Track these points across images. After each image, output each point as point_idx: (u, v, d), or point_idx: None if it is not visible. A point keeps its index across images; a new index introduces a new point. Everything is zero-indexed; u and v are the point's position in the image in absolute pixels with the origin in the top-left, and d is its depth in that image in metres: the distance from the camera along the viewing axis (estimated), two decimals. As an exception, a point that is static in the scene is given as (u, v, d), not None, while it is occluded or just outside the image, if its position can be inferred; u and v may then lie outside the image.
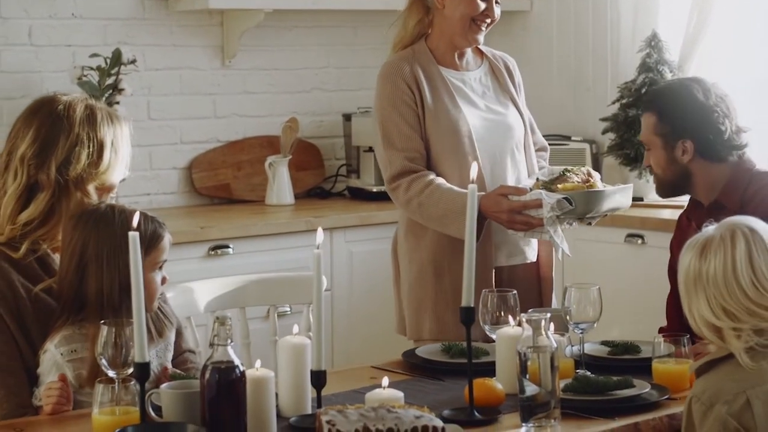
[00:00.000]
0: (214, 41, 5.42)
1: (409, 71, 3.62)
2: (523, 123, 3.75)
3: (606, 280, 3.56)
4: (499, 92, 3.75)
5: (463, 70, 3.71)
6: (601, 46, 5.70)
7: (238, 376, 2.44)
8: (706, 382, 2.54)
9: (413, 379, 3.04)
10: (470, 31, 3.62)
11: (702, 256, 2.53)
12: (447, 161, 3.60)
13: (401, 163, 3.58)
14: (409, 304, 3.70)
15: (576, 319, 3.03)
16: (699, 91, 3.42)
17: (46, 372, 2.82)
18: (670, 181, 3.47)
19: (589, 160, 5.57)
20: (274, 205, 5.36)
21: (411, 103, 3.60)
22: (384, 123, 3.62)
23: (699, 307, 2.52)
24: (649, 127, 3.46)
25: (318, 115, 5.75)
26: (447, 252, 3.60)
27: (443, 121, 3.60)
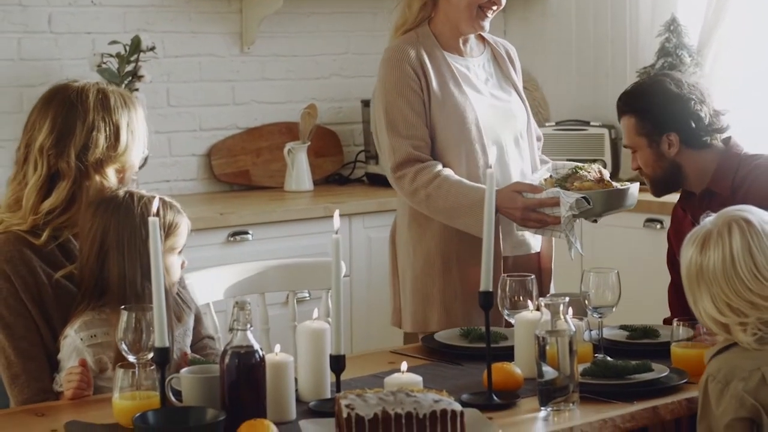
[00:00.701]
0: (233, 28, 5.43)
1: (415, 56, 3.55)
2: (525, 110, 3.71)
3: (625, 265, 3.56)
4: (502, 79, 3.71)
5: (467, 56, 3.66)
6: (619, 30, 5.68)
7: (257, 360, 2.45)
8: (720, 362, 2.56)
9: (432, 364, 3.04)
10: (477, 18, 3.57)
11: (702, 251, 2.55)
12: (453, 150, 3.55)
13: (407, 151, 3.51)
14: (413, 296, 3.63)
15: (595, 304, 3.03)
16: (671, 83, 3.46)
17: (66, 357, 2.84)
18: (661, 178, 3.47)
19: (607, 146, 5.56)
20: (293, 192, 5.37)
21: (417, 89, 3.54)
22: (389, 109, 3.55)
23: (704, 304, 2.54)
24: (631, 129, 3.47)
25: (337, 102, 5.75)
26: (455, 242, 3.56)
27: (450, 108, 3.55)
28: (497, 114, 3.62)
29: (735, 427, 2.49)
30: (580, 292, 3.04)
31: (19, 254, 2.90)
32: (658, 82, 3.48)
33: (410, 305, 3.65)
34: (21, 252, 2.90)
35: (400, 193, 3.58)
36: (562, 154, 5.58)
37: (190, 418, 2.41)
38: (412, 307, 3.64)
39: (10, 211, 2.97)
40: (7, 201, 3.00)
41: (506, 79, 3.72)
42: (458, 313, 3.55)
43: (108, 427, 2.52)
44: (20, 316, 2.88)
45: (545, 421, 2.58)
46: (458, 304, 3.56)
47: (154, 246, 2.42)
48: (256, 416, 2.40)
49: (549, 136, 5.64)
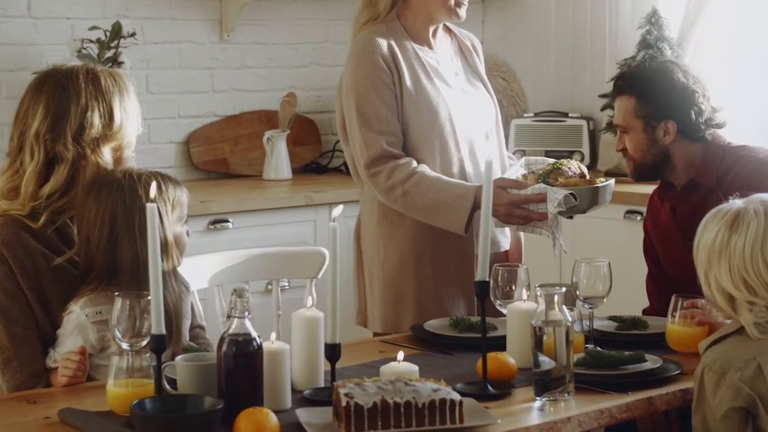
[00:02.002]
0: (213, 15, 5.41)
1: (386, 48, 3.46)
2: (493, 105, 3.66)
3: (606, 256, 3.52)
4: (470, 72, 3.65)
5: (436, 49, 3.59)
6: (599, 22, 5.69)
7: (255, 348, 2.44)
8: (716, 353, 2.58)
9: (423, 353, 3.03)
10: (455, 6, 3.50)
11: (733, 228, 2.57)
12: (427, 145, 3.47)
13: (381, 147, 3.42)
14: (383, 296, 3.56)
15: (585, 294, 3.03)
16: (678, 71, 3.44)
17: (67, 333, 2.82)
18: (649, 163, 3.45)
19: (586, 137, 5.58)
20: (271, 180, 5.36)
21: (389, 82, 3.45)
22: (360, 103, 3.45)
23: (719, 274, 2.56)
24: (628, 110, 3.43)
25: (316, 90, 5.73)
26: (428, 241, 3.50)
27: (423, 103, 3.47)
28: (468, 108, 3.56)
29: (731, 417, 2.51)
30: (571, 283, 3.04)
31: (17, 237, 2.88)
32: (667, 69, 3.47)
33: (380, 305, 3.58)
34: (18, 235, 2.88)
35: (374, 190, 3.48)
36: (540, 145, 5.60)
37: (188, 405, 2.40)
38: (382, 307, 3.57)
39: (6, 200, 2.95)
40: (1, 190, 2.97)
41: (474, 72, 3.66)
42: (432, 313, 3.47)
43: (102, 414, 2.50)
44: (15, 299, 2.86)
45: (541, 411, 2.57)
46: (432, 304, 3.51)
47: (152, 233, 2.40)
48: (253, 404, 2.39)
49: (527, 127, 5.67)
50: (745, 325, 2.55)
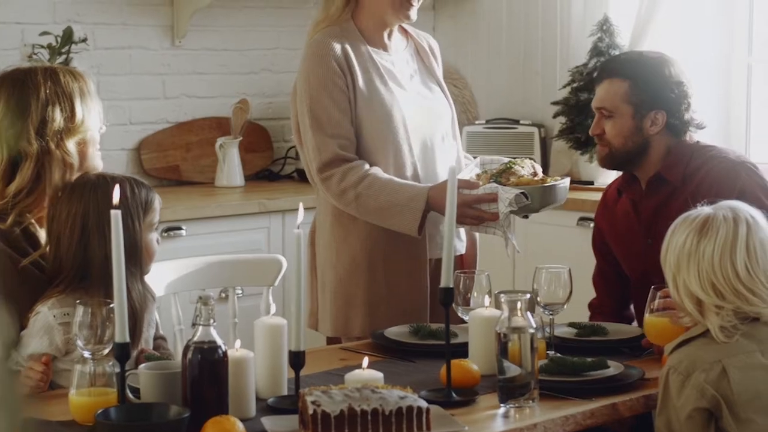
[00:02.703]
0: (165, 21, 5.37)
1: (340, 51, 3.43)
2: (450, 108, 3.63)
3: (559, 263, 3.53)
4: (426, 75, 3.62)
5: (391, 51, 3.56)
6: (550, 30, 5.71)
7: (220, 356, 2.42)
8: (682, 354, 2.60)
9: (384, 361, 3.02)
10: (402, 7, 3.47)
11: (702, 233, 2.59)
12: (380, 148, 3.45)
13: (333, 150, 3.40)
14: (334, 299, 3.53)
15: (546, 301, 3.04)
16: (674, 65, 3.41)
17: (33, 334, 2.79)
18: (627, 151, 3.38)
19: (537, 144, 5.59)
20: (224, 187, 5.33)
21: (343, 86, 3.42)
22: (313, 107, 3.42)
23: (688, 278, 2.58)
24: (619, 94, 3.36)
25: (267, 97, 5.71)
26: (380, 245, 3.48)
27: (376, 106, 3.45)
28: (423, 112, 3.54)
29: (695, 417, 2.53)
30: (531, 290, 3.04)
31: None
32: (664, 60, 3.42)
33: (331, 308, 3.55)
34: None
35: (327, 193, 3.46)
36: (491, 153, 5.57)
37: (153, 414, 2.37)
38: (333, 311, 3.55)
39: None
40: None
41: (430, 75, 3.64)
42: (383, 318, 3.45)
43: (64, 424, 2.47)
44: None
45: (506, 418, 2.57)
46: (383, 308, 3.49)
47: (116, 239, 2.38)
48: (219, 413, 2.37)
49: (478, 134, 5.67)
50: (712, 328, 2.57)
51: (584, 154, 5.24)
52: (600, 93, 3.42)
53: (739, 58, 5.28)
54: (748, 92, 5.28)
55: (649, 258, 3.29)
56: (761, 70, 5.31)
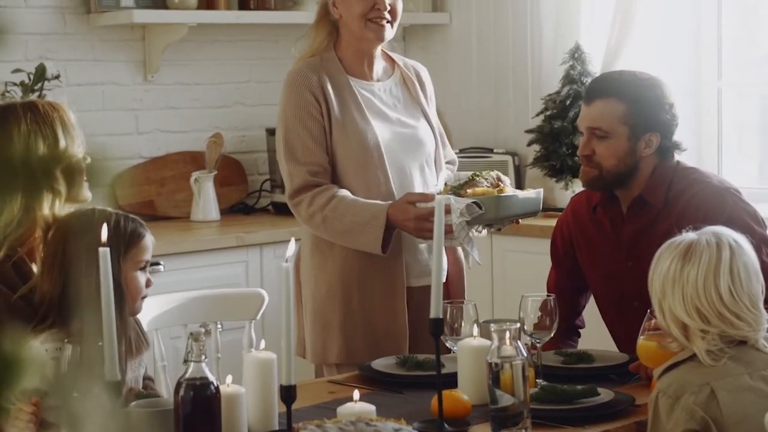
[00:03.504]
0: (137, 56, 5.36)
1: (316, 81, 3.48)
2: (433, 136, 3.65)
3: (535, 290, 3.52)
4: (410, 104, 3.64)
5: (372, 80, 3.60)
6: (521, 58, 5.74)
7: (212, 392, 2.41)
8: (671, 378, 2.62)
9: (372, 393, 3.01)
10: (368, 29, 3.50)
11: (686, 259, 2.60)
12: (354, 175, 3.49)
13: (303, 177, 3.45)
14: (313, 326, 3.56)
15: (532, 329, 3.04)
16: (664, 86, 3.39)
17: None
18: (618, 173, 3.33)
19: (512, 173, 5.60)
20: (199, 222, 5.31)
21: (317, 114, 3.47)
22: (287, 135, 3.49)
23: (673, 303, 2.59)
24: (615, 114, 3.30)
25: (240, 130, 5.70)
26: (356, 271, 3.49)
27: (351, 133, 3.48)
28: (402, 140, 3.56)
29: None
30: (518, 318, 3.04)
31: None
32: (657, 82, 3.40)
33: (310, 335, 3.57)
34: None
35: (299, 219, 3.52)
36: (465, 181, 5.62)
37: (147, 453, 2.36)
38: (312, 337, 3.57)
39: None
40: None
41: (415, 104, 3.65)
42: (359, 345, 3.48)
43: (56, 464, 2.44)
44: None
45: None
46: (359, 336, 3.50)
47: (104, 275, 2.36)
48: (213, 449, 2.36)
49: (452, 163, 5.68)
50: (698, 352, 2.59)
51: (559, 181, 5.25)
52: (593, 113, 3.35)
53: (709, 83, 5.32)
54: (719, 116, 5.32)
55: (628, 280, 3.30)
56: (731, 94, 5.35)
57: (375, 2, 3.49)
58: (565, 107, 5.21)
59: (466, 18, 5.96)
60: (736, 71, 5.36)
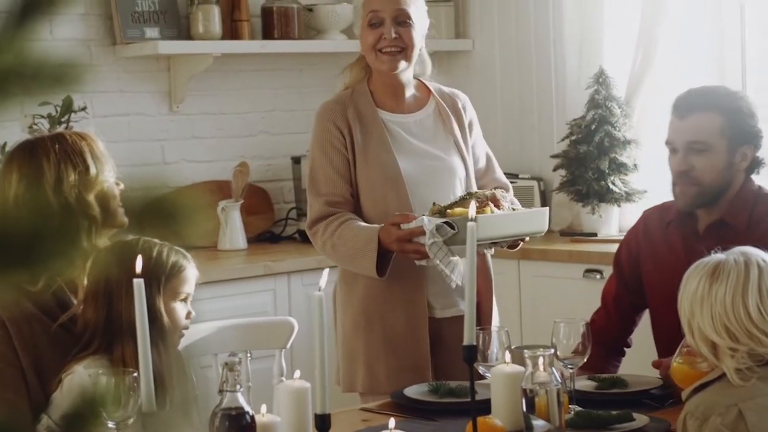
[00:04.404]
0: (162, 87, 5.38)
1: (341, 113, 3.54)
2: (465, 167, 3.63)
3: (564, 315, 3.51)
4: (442, 135, 3.64)
5: (403, 112, 3.62)
6: (545, 83, 5.74)
7: (248, 422, 2.41)
8: (698, 400, 2.61)
9: (406, 420, 3.01)
10: (379, 60, 3.53)
11: (713, 277, 2.60)
12: (375, 206, 3.51)
13: (320, 208, 3.51)
14: (343, 354, 3.62)
15: (565, 355, 3.03)
16: (749, 99, 3.36)
17: (65, 395, 2.75)
18: (716, 188, 3.27)
19: (537, 198, 5.60)
20: (226, 251, 5.31)
21: (340, 147, 3.52)
22: (312, 166, 3.58)
23: (702, 322, 2.58)
24: (714, 128, 3.24)
25: (266, 159, 5.72)
26: (378, 302, 3.51)
27: (372, 164, 3.51)
28: (428, 172, 3.56)
29: None
30: (550, 344, 3.03)
31: (15, 302, 2.82)
32: (746, 96, 3.37)
33: (341, 364, 3.63)
34: (17, 300, 2.83)
35: (316, 248, 3.58)
36: (491, 207, 5.61)
37: (183, 483, 2.36)
38: (342, 366, 3.63)
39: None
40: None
41: (447, 134, 3.64)
42: (381, 376, 3.50)
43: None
44: (10, 364, 2.81)
45: (536, 474, 2.56)
46: (381, 367, 3.52)
47: (140, 308, 2.37)
48: (249, 479, 2.36)
49: (478, 189, 5.68)
50: (727, 371, 2.58)
51: (586, 206, 5.24)
52: (690, 126, 3.28)
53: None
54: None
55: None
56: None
57: (381, 33, 3.51)
58: (591, 132, 5.21)
59: (489, 44, 5.97)
60: (759, 94, 5.35)
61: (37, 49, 0.97)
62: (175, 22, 5.31)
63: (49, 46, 5.01)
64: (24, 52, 0.95)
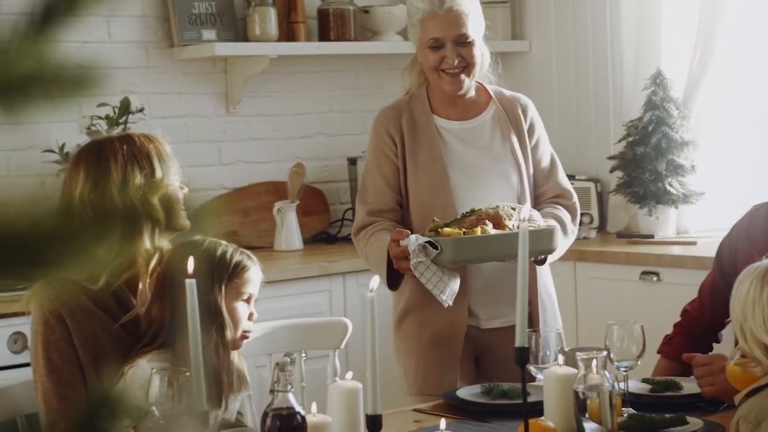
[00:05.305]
0: (219, 88, 5.42)
1: (395, 120, 3.52)
2: (519, 174, 3.56)
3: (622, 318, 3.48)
4: (499, 142, 3.58)
5: (459, 118, 3.57)
6: (602, 84, 5.71)
7: (299, 422, 2.42)
8: (752, 404, 2.60)
9: (458, 421, 3.01)
10: (442, 80, 3.49)
11: (764, 281, 2.61)
12: (422, 214, 3.48)
13: (363, 217, 3.53)
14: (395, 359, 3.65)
15: (619, 357, 3.01)
16: None
17: (126, 386, 2.77)
18: None
19: (594, 199, 5.57)
20: (282, 251, 5.33)
21: (391, 154, 3.51)
22: (364, 173, 3.60)
23: (754, 326, 2.58)
24: None
25: (322, 160, 5.74)
26: (420, 307, 3.50)
27: (422, 173, 3.49)
28: (478, 180, 3.52)
29: None
30: (604, 346, 3.02)
31: (76, 300, 2.86)
32: None
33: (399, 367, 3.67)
34: (78, 298, 2.86)
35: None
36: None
37: (235, 482, 2.37)
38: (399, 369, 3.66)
39: None
40: None
41: (505, 141, 3.58)
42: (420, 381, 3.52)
43: (144, 494, 2.46)
44: (69, 361, 2.84)
45: (588, 477, 2.55)
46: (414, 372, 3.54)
47: (191, 307, 2.38)
48: (299, 479, 2.36)
49: (534, 190, 5.66)
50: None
51: (643, 207, 5.21)
52: None
53: (795, 107, 5.26)
54: (805, 140, 5.26)
55: None
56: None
57: (444, 56, 3.46)
58: (648, 133, 5.17)
59: (546, 45, 5.95)
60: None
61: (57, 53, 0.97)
62: (231, 24, 5.34)
63: (107, 48, 5.06)
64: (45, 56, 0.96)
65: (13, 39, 0.94)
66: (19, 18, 0.97)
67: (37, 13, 0.96)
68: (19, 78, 0.95)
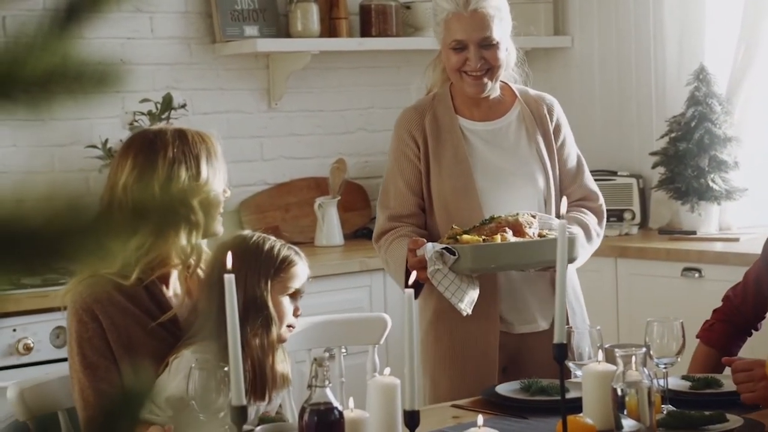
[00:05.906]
0: (261, 84, 5.43)
1: (418, 122, 3.46)
2: (545, 175, 3.48)
3: (663, 315, 3.47)
4: (524, 142, 3.50)
5: (483, 119, 3.50)
6: (645, 80, 5.69)
7: (336, 417, 2.42)
8: None
9: (496, 418, 3.00)
10: (464, 82, 3.42)
11: None
12: (446, 216, 3.42)
13: (383, 223, 3.48)
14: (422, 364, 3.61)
15: (658, 354, 3.00)
16: None
17: (174, 376, 2.78)
18: None
19: (636, 195, 5.55)
20: (323, 247, 5.35)
21: (413, 158, 3.44)
22: (385, 176, 3.53)
23: None
24: None
25: (363, 156, 5.75)
26: (449, 315, 3.42)
27: (446, 175, 3.43)
28: (504, 182, 3.45)
29: None
30: (644, 343, 3.00)
31: (109, 296, 2.87)
32: None
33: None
34: (110, 294, 2.88)
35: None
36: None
37: (272, 477, 2.38)
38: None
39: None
40: None
41: (530, 142, 3.50)
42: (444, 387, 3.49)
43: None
44: (103, 357, 2.85)
45: (626, 474, 2.54)
46: (445, 379, 3.50)
47: (230, 303, 2.39)
48: (337, 474, 2.37)
49: (576, 186, 5.64)
50: None
51: (685, 204, 5.19)
52: None
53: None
54: None
55: None
56: None
57: (466, 58, 3.39)
58: (690, 129, 5.15)
59: (588, 40, 5.93)
60: None
61: (81, 50, 0.98)
62: (274, 20, 5.36)
63: (150, 44, 5.09)
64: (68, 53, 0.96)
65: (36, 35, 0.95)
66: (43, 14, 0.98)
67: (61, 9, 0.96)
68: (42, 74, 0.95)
